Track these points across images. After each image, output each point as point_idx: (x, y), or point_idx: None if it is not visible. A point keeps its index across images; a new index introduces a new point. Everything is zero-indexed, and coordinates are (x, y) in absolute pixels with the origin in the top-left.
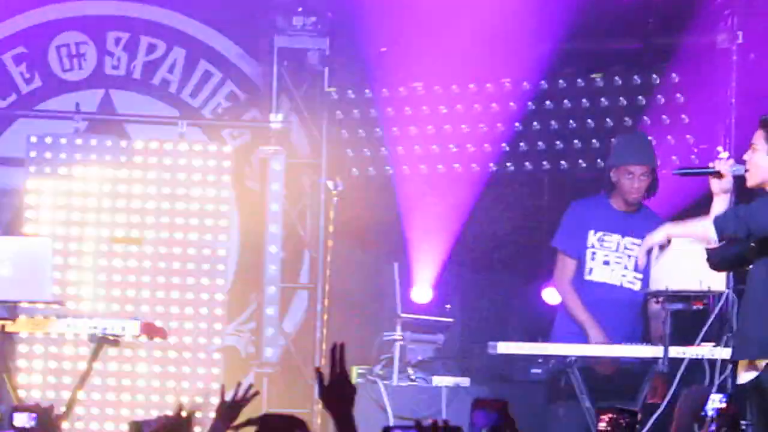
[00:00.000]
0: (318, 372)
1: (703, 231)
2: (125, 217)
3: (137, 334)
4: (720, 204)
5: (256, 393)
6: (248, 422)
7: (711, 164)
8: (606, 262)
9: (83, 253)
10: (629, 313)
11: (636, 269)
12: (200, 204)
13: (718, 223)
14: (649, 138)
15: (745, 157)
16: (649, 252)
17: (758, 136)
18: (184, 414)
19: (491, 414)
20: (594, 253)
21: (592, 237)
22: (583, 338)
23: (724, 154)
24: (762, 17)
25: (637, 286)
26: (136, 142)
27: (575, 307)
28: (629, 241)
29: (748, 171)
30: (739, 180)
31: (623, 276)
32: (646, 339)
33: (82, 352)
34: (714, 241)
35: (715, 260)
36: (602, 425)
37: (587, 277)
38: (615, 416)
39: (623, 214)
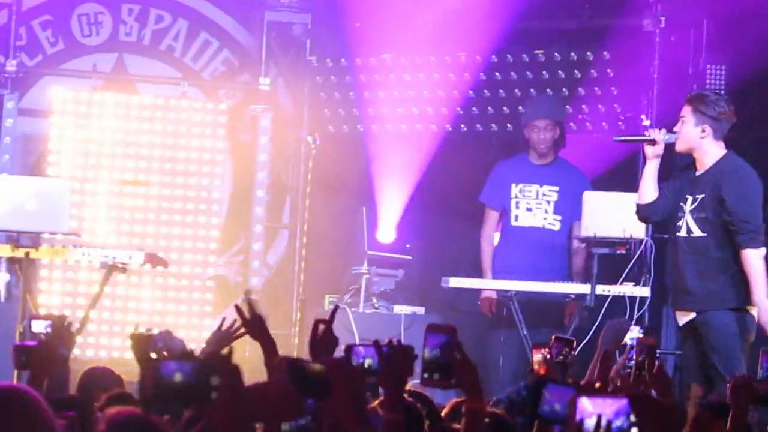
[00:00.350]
0: (314, 326)
1: None
2: (134, 163)
3: (142, 263)
4: (651, 166)
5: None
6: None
7: (646, 132)
8: (529, 209)
9: (97, 193)
10: (552, 250)
11: (555, 212)
12: (198, 153)
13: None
14: (558, 98)
15: (675, 128)
16: None
17: (686, 110)
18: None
19: (441, 336)
20: (518, 203)
21: (515, 189)
22: (520, 275)
23: (647, 122)
24: (682, 5)
25: (557, 227)
26: (144, 99)
27: (484, 255)
28: (547, 188)
29: (677, 139)
30: (669, 147)
31: (544, 219)
32: (569, 272)
33: (94, 278)
34: None
35: (644, 215)
36: (538, 357)
37: (514, 223)
38: (552, 348)
39: (540, 167)
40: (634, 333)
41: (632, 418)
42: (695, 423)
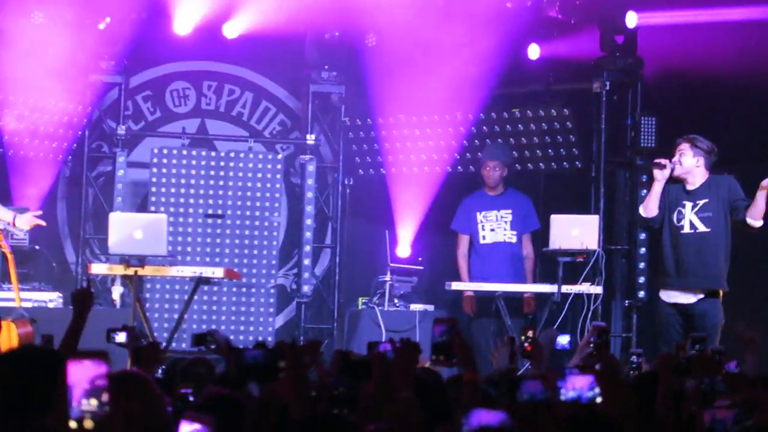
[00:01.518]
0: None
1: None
2: (214, 201)
3: (222, 276)
4: (658, 187)
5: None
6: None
7: (660, 161)
8: (492, 230)
9: (187, 224)
10: (512, 258)
11: (512, 229)
12: (262, 192)
13: None
14: (504, 145)
15: (674, 159)
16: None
17: (684, 146)
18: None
19: (444, 326)
20: (483, 226)
21: (479, 216)
22: (496, 279)
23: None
24: (621, 73)
25: (514, 240)
26: (221, 152)
27: (462, 270)
28: (503, 212)
29: (676, 168)
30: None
31: (504, 235)
32: (524, 273)
33: (186, 288)
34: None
35: (649, 224)
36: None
37: (482, 242)
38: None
39: (495, 197)
40: (563, 339)
41: (597, 389)
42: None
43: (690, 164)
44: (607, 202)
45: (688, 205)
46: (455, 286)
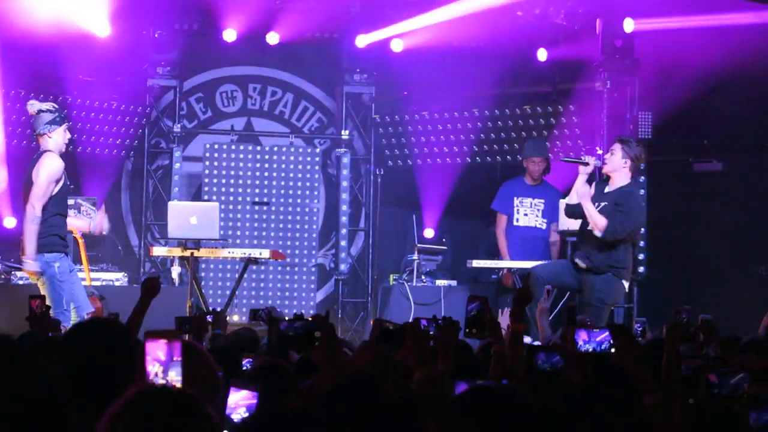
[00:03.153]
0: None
1: (595, 223)
2: (260, 190)
3: (268, 257)
4: (581, 179)
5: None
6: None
7: (583, 157)
8: (525, 214)
9: (237, 211)
10: (541, 242)
11: (543, 217)
12: (302, 182)
13: (609, 233)
14: (545, 141)
15: (606, 156)
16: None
17: (616, 146)
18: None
19: (477, 303)
20: (518, 210)
21: (516, 200)
22: (522, 258)
23: (599, 151)
24: (621, 72)
25: (544, 227)
26: (265, 147)
27: (501, 245)
28: (537, 201)
29: (605, 164)
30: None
31: (536, 221)
32: (550, 256)
33: (236, 268)
34: (597, 234)
35: (571, 212)
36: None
37: (515, 224)
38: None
39: (532, 186)
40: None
41: (610, 341)
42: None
43: (618, 163)
44: None
45: (596, 205)
46: (476, 263)
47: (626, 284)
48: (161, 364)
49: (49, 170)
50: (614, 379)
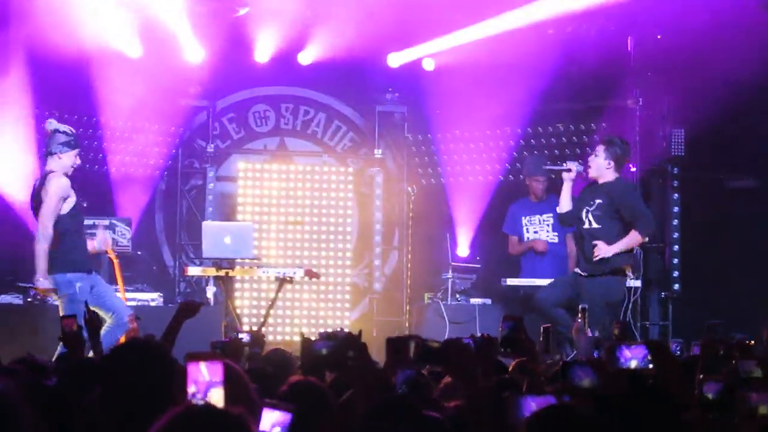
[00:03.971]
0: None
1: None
2: (293, 209)
3: (302, 276)
4: (567, 187)
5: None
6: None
7: (566, 164)
8: (536, 232)
9: (270, 230)
10: (556, 256)
11: (553, 230)
12: (335, 201)
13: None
14: (546, 158)
15: (590, 158)
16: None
17: (599, 148)
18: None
19: (511, 322)
20: (527, 228)
21: (524, 220)
22: (542, 273)
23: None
24: (653, 90)
25: (556, 240)
26: (298, 166)
27: (520, 248)
28: (545, 216)
29: (589, 168)
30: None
31: (546, 236)
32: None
33: (271, 287)
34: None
35: (562, 219)
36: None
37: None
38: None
39: (537, 203)
40: None
41: (649, 357)
42: None
43: (600, 165)
44: None
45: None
46: (510, 281)
47: (628, 281)
48: (202, 386)
49: (57, 188)
50: (652, 396)
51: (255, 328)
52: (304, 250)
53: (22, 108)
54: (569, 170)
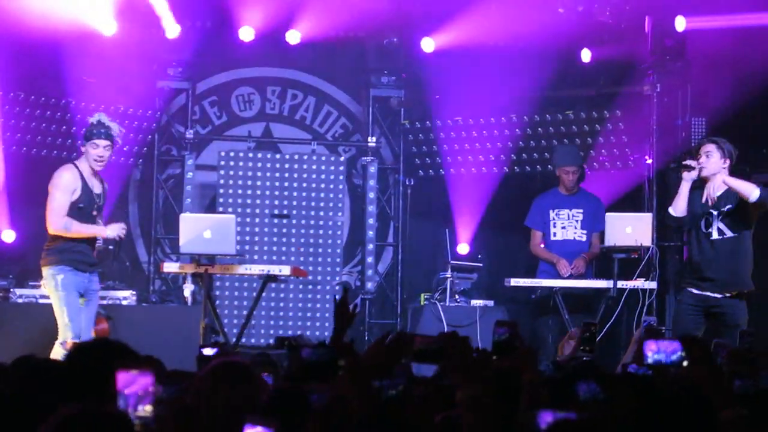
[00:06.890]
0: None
1: (749, 190)
2: (279, 201)
3: (289, 274)
4: (686, 186)
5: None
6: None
7: (688, 162)
8: (563, 227)
9: (254, 224)
10: (581, 255)
11: (582, 228)
12: (325, 193)
13: (763, 192)
14: (577, 148)
15: (701, 160)
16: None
17: (710, 147)
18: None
19: (505, 328)
20: (554, 223)
21: (552, 213)
22: (556, 273)
23: (649, 161)
24: (671, 75)
25: (584, 238)
26: (285, 155)
27: (544, 254)
28: (575, 211)
29: (703, 168)
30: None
31: (574, 233)
32: (593, 270)
33: (254, 286)
34: (753, 198)
35: (678, 223)
36: (575, 330)
37: (552, 239)
38: (585, 326)
39: (568, 197)
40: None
41: (682, 353)
42: None
43: (717, 165)
44: (660, 200)
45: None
46: (514, 282)
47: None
48: (136, 396)
49: (57, 182)
50: (688, 394)
51: (236, 330)
52: (290, 246)
53: None
54: (693, 168)
